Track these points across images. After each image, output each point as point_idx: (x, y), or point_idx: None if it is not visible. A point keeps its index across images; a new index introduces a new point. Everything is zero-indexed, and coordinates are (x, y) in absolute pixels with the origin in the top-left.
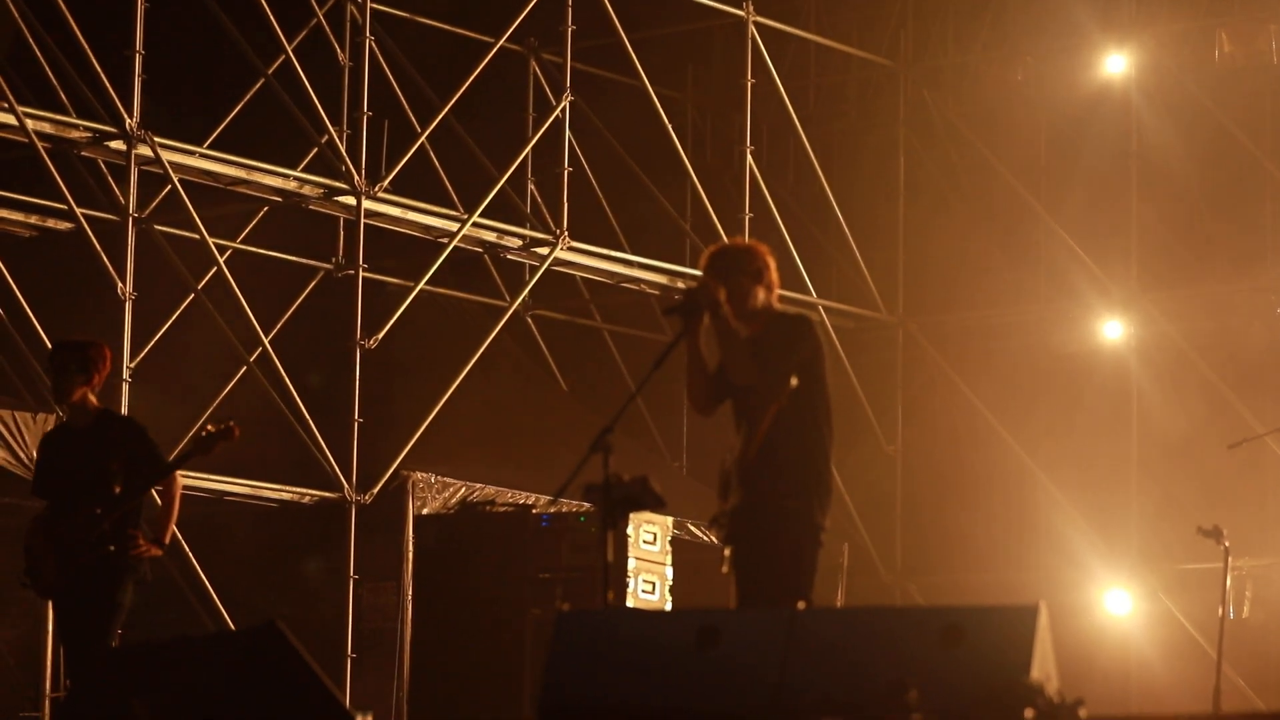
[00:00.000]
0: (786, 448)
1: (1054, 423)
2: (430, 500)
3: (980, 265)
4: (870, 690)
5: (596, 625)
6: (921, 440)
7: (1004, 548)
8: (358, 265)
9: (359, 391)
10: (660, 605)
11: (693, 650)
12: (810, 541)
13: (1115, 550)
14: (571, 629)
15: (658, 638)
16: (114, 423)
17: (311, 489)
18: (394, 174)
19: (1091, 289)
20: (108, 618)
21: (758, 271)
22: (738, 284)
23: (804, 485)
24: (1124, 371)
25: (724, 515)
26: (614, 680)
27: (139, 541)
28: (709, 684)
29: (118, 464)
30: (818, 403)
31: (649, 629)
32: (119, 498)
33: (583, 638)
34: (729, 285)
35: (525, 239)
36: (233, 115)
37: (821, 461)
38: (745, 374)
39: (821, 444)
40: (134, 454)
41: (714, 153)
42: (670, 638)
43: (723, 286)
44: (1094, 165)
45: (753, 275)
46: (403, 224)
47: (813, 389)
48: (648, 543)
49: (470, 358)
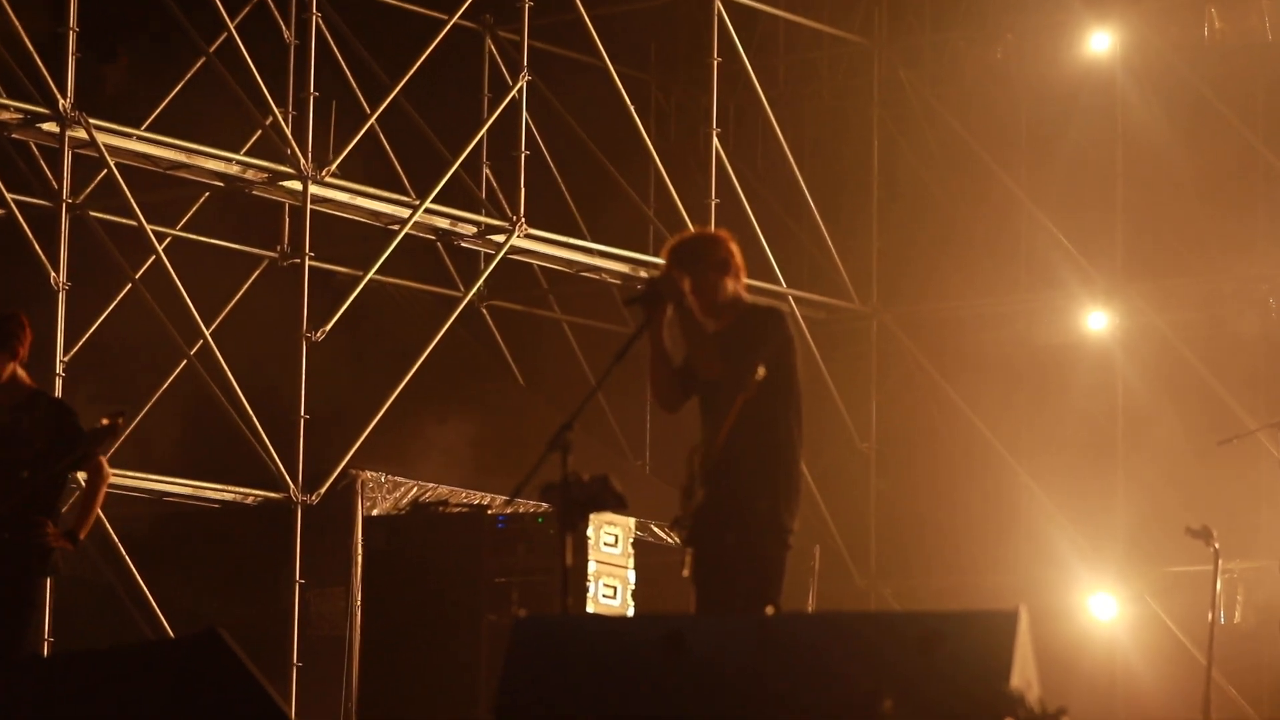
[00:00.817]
0: (754, 445)
1: (1036, 418)
2: (380, 501)
3: (958, 253)
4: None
5: (555, 632)
6: (897, 437)
7: (983, 550)
8: (304, 254)
9: (305, 386)
10: (622, 611)
11: (658, 658)
12: (778, 544)
13: (1100, 552)
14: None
15: (620, 645)
16: (43, 403)
17: (255, 489)
18: (342, 158)
19: (1075, 278)
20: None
21: (723, 261)
22: (703, 275)
23: (772, 485)
24: (1109, 364)
25: (687, 516)
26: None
27: (46, 529)
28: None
29: (39, 445)
30: (788, 398)
31: (611, 636)
32: (24, 482)
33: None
34: (693, 276)
35: (480, 226)
36: (172, 96)
37: (791, 460)
38: (711, 367)
39: (791, 442)
40: (56, 438)
41: (679, 135)
42: (633, 645)
43: (687, 277)
44: (1077, 148)
45: (718, 265)
46: (351, 210)
47: (783, 384)
48: (609, 545)
49: (423, 351)
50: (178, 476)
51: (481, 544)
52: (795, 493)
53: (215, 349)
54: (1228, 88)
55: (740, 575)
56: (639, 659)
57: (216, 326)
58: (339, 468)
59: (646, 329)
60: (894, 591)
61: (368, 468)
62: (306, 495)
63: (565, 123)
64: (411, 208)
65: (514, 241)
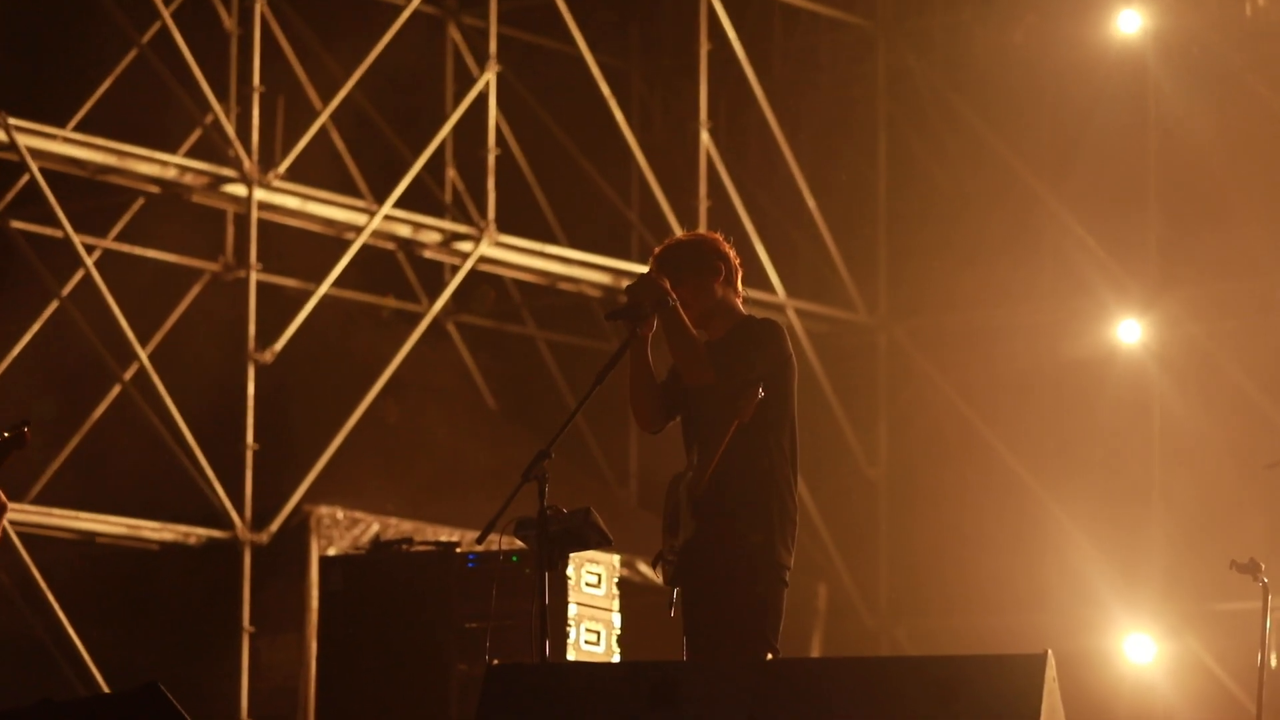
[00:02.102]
0: (746, 473)
1: (1063, 440)
2: (337, 539)
3: (975, 259)
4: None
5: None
6: (909, 462)
7: (1006, 587)
8: (250, 266)
9: (254, 413)
10: (607, 658)
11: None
12: (774, 582)
13: (1135, 588)
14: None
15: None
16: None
17: (198, 527)
18: (291, 159)
19: (1105, 284)
20: None
21: (715, 268)
22: (694, 284)
23: (765, 517)
24: (1144, 380)
25: (671, 551)
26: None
27: None
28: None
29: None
30: (783, 421)
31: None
32: None
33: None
34: (682, 286)
35: (445, 234)
36: (101, 92)
37: (785, 490)
38: (701, 374)
39: (784, 469)
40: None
41: (664, 131)
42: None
43: (674, 285)
44: (1106, 140)
45: (709, 272)
46: (302, 217)
47: (778, 404)
48: (591, 585)
49: (383, 372)
50: (111, 515)
51: (450, 586)
52: (790, 525)
53: (152, 372)
54: (1273, 72)
55: (734, 617)
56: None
57: (154, 347)
58: (291, 503)
59: (630, 345)
60: (908, 633)
61: (323, 503)
62: (255, 534)
63: (538, 118)
64: (369, 214)
65: (483, 250)
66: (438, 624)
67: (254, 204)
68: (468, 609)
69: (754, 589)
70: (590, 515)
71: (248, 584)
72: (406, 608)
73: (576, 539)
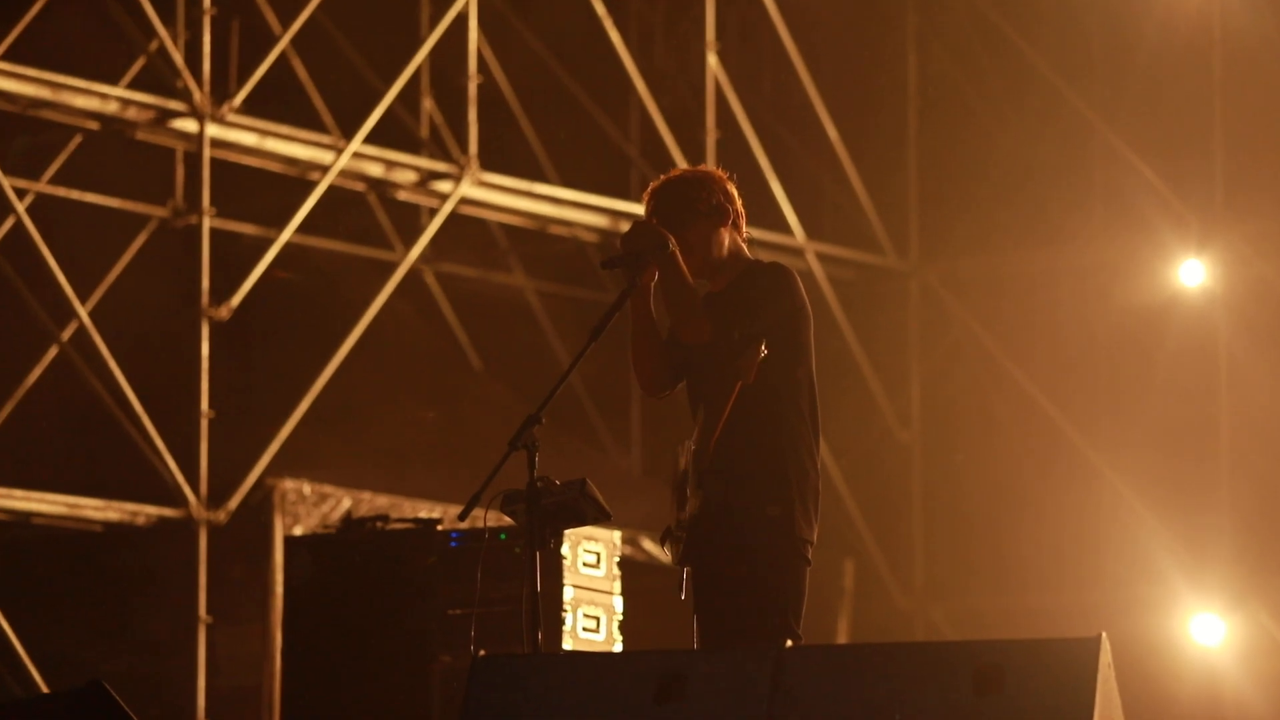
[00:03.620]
0: (759, 438)
1: (1118, 398)
2: (304, 516)
3: (1017, 195)
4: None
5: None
6: (945, 423)
7: (1056, 562)
8: (202, 211)
9: (208, 376)
10: (607, 647)
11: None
12: (795, 559)
13: (1202, 562)
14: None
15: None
16: None
17: (146, 505)
18: (247, 90)
19: (1164, 220)
20: None
21: (717, 207)
22: (694, 227)
23: (783, 487)
24: (1208, 327)
25: (680, 527)
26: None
27: None
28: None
29: None
30: (799, 378)
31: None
32: None
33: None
34: (684, 229)
35: (422, 172)
36: (31, 16)
37: (806, 456)
38: (695, 327)
39: (803, 433)
40: None
41: (667, 54)
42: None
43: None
44: (1164, 56)
45: (710, 213)
46: (260, 156)
47: (792, 360)
48: (589, 565)
49: (353, 328)
50: (49, 492)
51: (431, 568)
52: (812, 494)
53: (93, 330)
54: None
55: (749, 599)
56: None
57: (95, 303)
58: (252, 476)
59: (629, 296)
60: (946, 615)
61: (288, 476)
62: (211, 512)
63: (525, 41)
64: (335, 151)
65: (464, 190)
66: (417, 611)
67: (206, 141)
68: (451, 594)
69: (772, 567)
70: (586, 487)
71: (204, 568)
72: (382, 593)
73: (572, 513)
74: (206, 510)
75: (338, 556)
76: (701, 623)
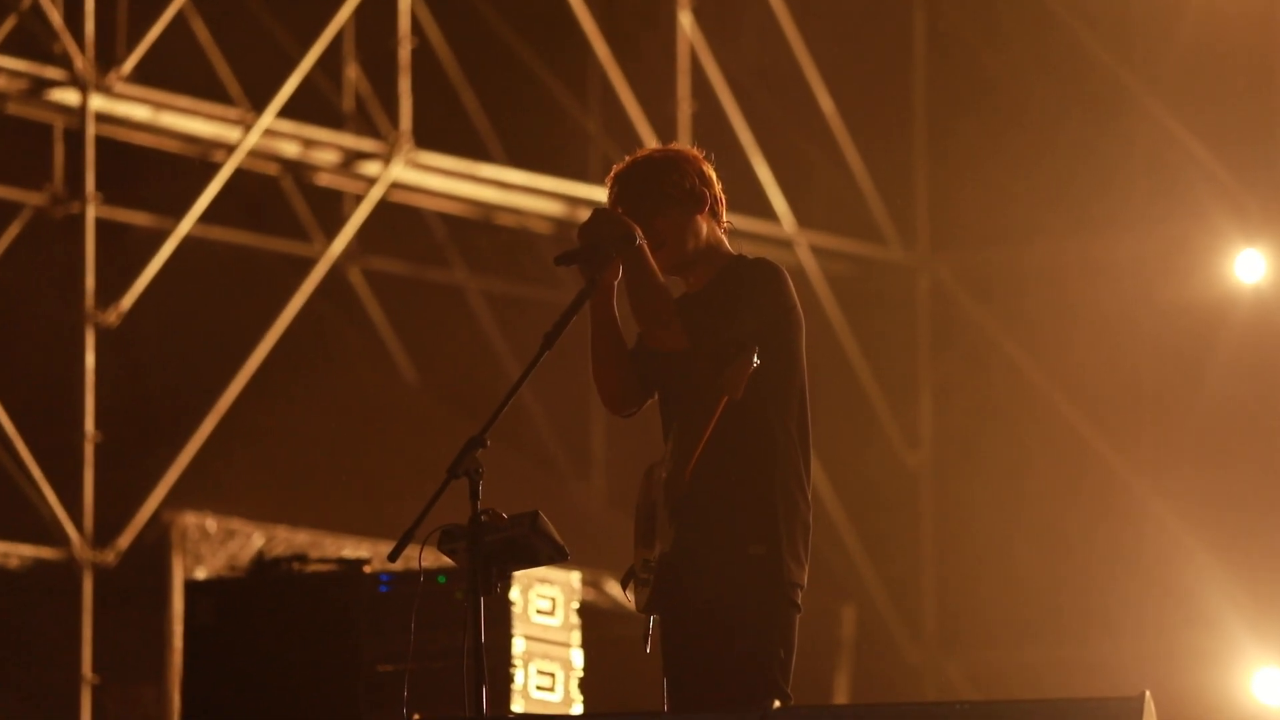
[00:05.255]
0: (740, 463)
1: (1164, 413)
2: (208, 556)
3: (1043, 174)
4: None
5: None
6: (960, 444)
7: (1090, 607)
8: (86, 197)
9: (94, 392)
10: (565, 708)
11: None
12: (782, 605)
13: (1264, 606)
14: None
15: None
16: None
17: (21, 544)
18: (138, 57)
19: (1218, 204)
20: None
21: (691, 192)
22: (667, 217)
23: (768, 521)
24: (1271, 330)
25: (645, 568)
26: None
27: None
28: None
29: None
30: (789, 394)
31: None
32: None
33: None
34: (654, 218)
35: (345, 152)
36: None
37: (794, 483)
38: (667, 334)
39: (793, 457)
40: None
41: (632, 11)
42: None
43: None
44: (1217, 10)
45: (683, 199)
46: (155, 133)
47: (781, 372)
48: (543, 613)
49: (265, 336)
50: None
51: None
52: (802, 529)
53: None
54: None
55: (728, 653)
56: None
57: None
58: (146, 510)
59: (588, 298)
60: (962, 669)
61: (188, 508)
62: (98, 551)
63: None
64: (243, 127)
65: (395, 173)
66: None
67: (90, 116)
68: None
69: (756, 615)
70: (539, 521)
71: (89, 618)
72: (299, 646)
73: (522, 552)
74: (92, 550)
75: (247, 603)
76: (672, 681)
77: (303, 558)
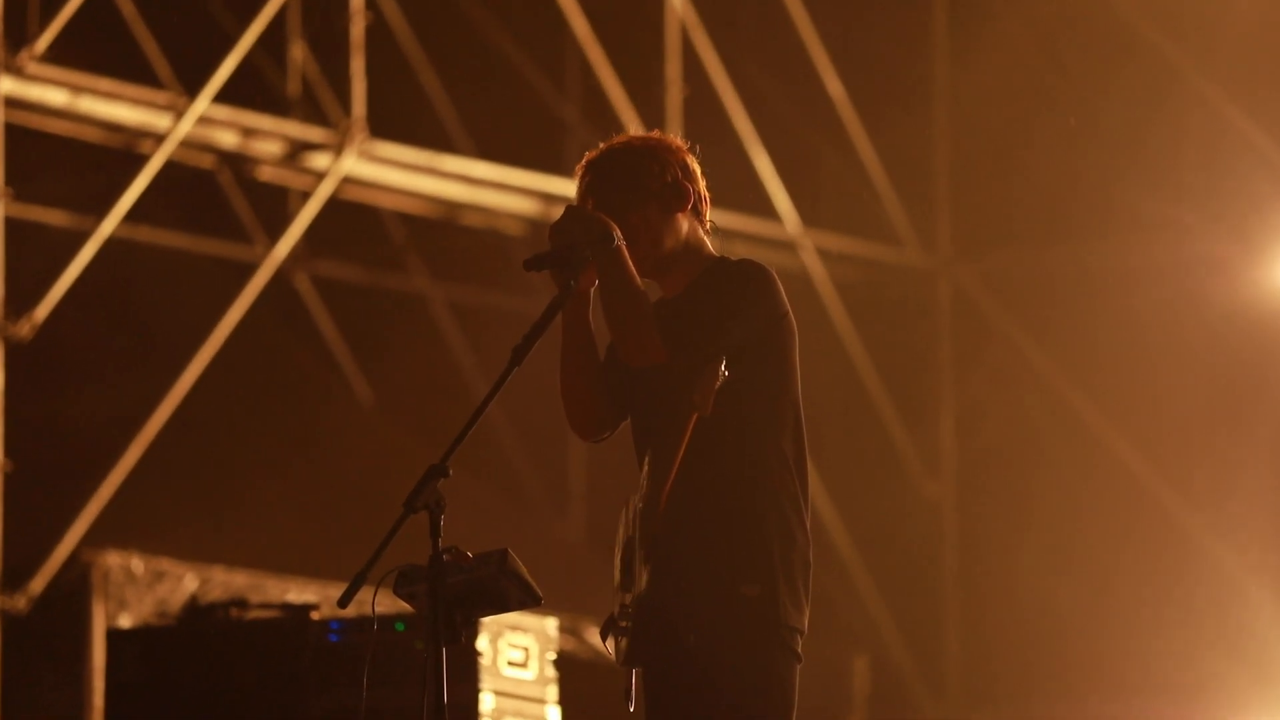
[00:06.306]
0: (728, 491)
1: (1216, 436)
2: (134, 601)
3: (1077, 168)
4: None
5: None
6: (986, 472)
7: (1135, 657)
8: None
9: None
10: None
11: None
12: (781, 654)
13: None
14: None
15: None
16: None
17: None
18: (53, 32)
19: (1273, 200)
20: None
21: (671, 186)
22: (637, 209)
23: (761, 557)
24: None
25: (625, 612)
26: None
27: None
28: None
29: None
30: (781, 411)
31: None
32: None
33: None
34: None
35: (291, 142)
36: None
37: (791, 514)
38: (643, 346)
39: (787, 483)
40: None
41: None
42: None
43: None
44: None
45: (662, 193)
46: (73, 119)
47: (770, 387)
48: (515, 665)
49: (200, 349)
50: None
51: (302, 670)
52: (801, 567)
53: None
54: None
55: (718, 708)
56: None
57: None
58: (63, 549)
59: (560, 307)
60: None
61: (112, 547)
62: (9, 596)
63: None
64: (174, 114)
65: (347, 166)
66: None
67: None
68: (329, 702)
69: (748, 665)
70: (508, 561)
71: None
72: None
73: (489, 596)
74: (1, 595)
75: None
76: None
77: (241, 603)
